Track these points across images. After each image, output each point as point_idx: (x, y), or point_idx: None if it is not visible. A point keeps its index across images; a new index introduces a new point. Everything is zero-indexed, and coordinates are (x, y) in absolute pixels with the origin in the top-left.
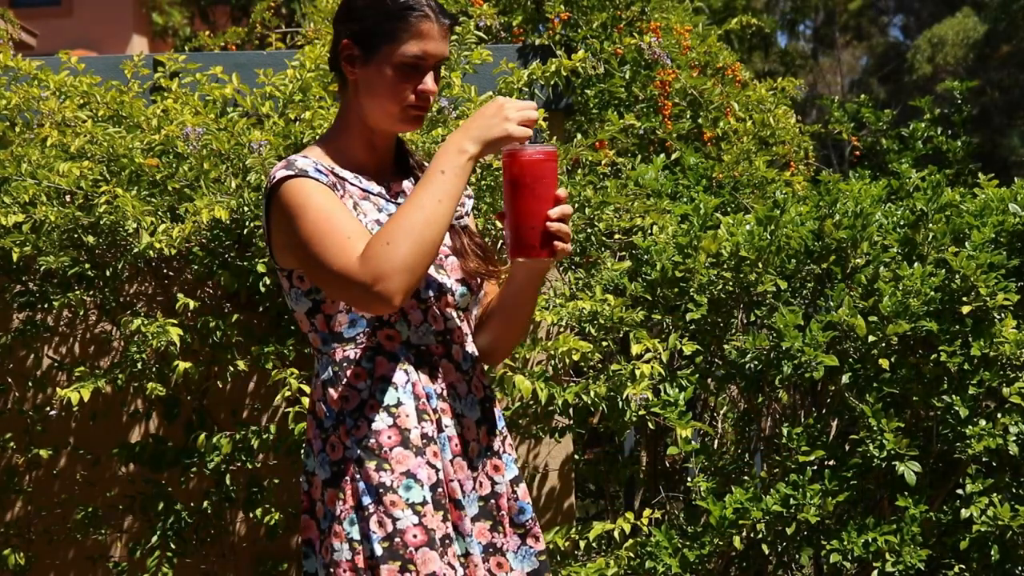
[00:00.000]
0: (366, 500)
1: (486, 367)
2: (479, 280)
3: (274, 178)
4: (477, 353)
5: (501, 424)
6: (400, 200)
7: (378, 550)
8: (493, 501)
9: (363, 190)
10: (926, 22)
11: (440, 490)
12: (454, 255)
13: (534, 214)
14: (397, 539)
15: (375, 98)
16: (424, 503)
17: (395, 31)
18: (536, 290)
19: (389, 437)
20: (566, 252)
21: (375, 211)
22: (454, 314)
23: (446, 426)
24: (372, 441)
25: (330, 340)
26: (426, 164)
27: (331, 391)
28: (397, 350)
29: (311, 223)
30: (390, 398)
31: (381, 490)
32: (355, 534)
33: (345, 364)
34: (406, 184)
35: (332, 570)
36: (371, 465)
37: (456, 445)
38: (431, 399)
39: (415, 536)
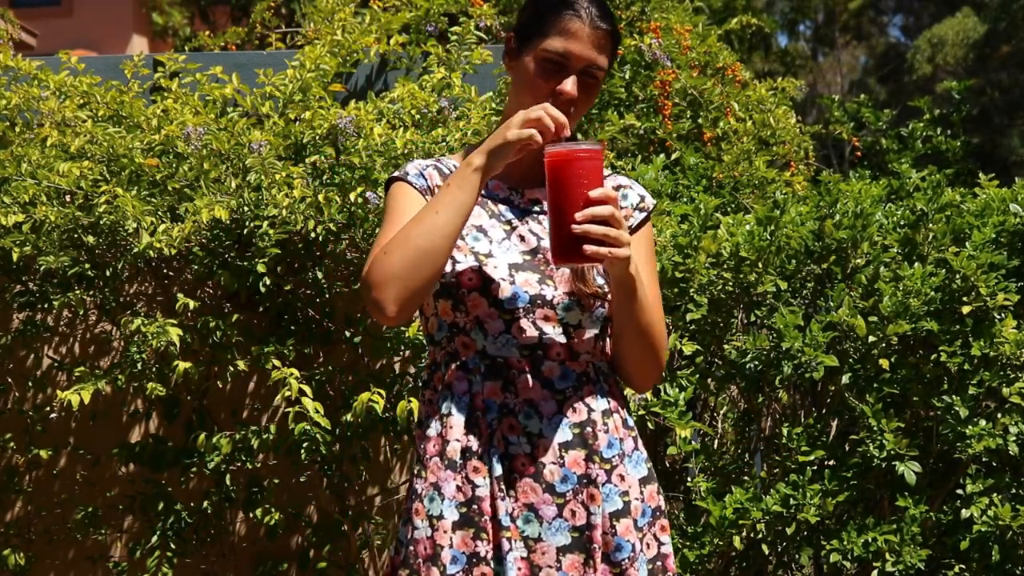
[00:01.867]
0: (408, 504)
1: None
2: (595, 298)
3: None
4: (592, 374)
5: (610, 453)
6: (535, 208)
7: (401, 553)
8: (588, 533)
9: (487, 195)
10: (926, 22)
11: (475, 507)
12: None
13: (562, 216)
14: (411, 548)
15: (519, 95)
16: (440, 518)
17: (545, 25)
18: (626, 304)
19: (434, 446)
20: (602, 257)
21: (484, 216)
22: (554, 329)
23: (510, 444)
24: (423, 447)
25: (429, 343)
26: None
27: (425, 392)
28: (469, 359)
29: (380, 229)
30: (445, 407)
31: (413, 496)
32: (401, 535)
33: (433, 367)
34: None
35: None
36: (416, 470)
37: (523, 465)
38: (489, 412)
39: (425, 549)
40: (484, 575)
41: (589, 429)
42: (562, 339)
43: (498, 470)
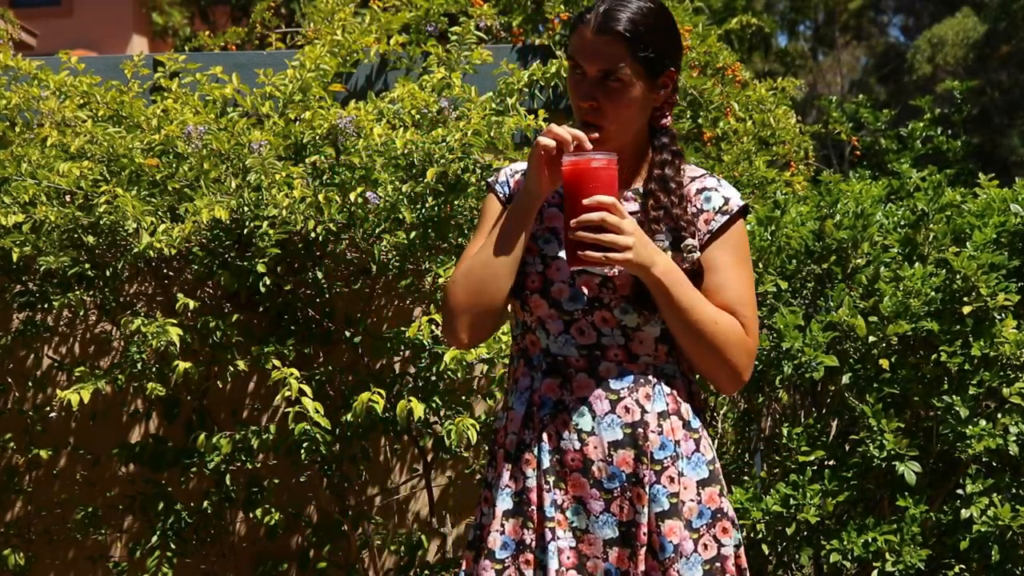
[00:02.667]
0: (481, 491)
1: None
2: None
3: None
4: (652, 376)
5: (662, 454)
6: None
7: (471, 535)
8: (633, 530)
9: (560, 194)
10: (926, 22)
11: (524, 497)
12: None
13: (566, 224)
14: (479, 531)
15: None
16: (494, 505)
17: (570, 41)
18: (664, 306)
19: (500, 437)
20: (596, 261)
21: (561, 219)
22: (613, 331)
23: (562, 439)
24: (494, 438)
25: (511, 337)
26: (669, 176)
27: (505, 384)
28: (534, 356)
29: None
30: (510, 401)
31: (484, 484)
32: (475, 519)
33: (511, 361)
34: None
35: None
36: (488, 459)
37: (573, 460)
38: (543, 408)
39: (488, 534)
40: (528, 562)
41: (641, 430)
42: (621, 341)
43: (545, 463)
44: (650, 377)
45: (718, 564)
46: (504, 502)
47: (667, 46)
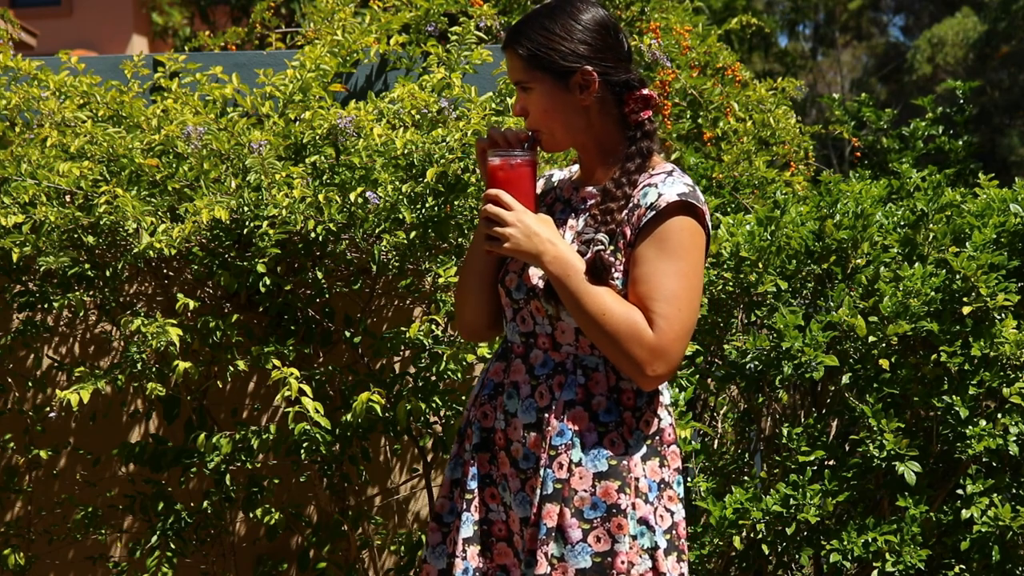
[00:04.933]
0: None
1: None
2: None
3: None
4: (570, 365)
5: (558, 441)
6: (582, 206)
7: None
8: (535, 510)
9: (555, 198)
10: (926, 22)
11: (462, 469)
12: None
13: None
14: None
15: None
16: (446, 475)
17: None
18: (560, 296)
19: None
20: (489, 251)
21: (557, 214)
22: (543, 320)
23: (496, 419)
24: None
25: None
26: (627, 170)
27: None
28: (503, 342)
29: None
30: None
31: None
32: None
33: None
34: (589, 190)
35: None
36: None
37: (500, 439)
38: (485, 388)
39: (438, 500)
40: (456, 527)
41: (547, 415)
42: (548, 330)
43: (475, 439)
44: (568, 366)
45: (609, 559)
46: (451, 473)
47: (569, 49)
